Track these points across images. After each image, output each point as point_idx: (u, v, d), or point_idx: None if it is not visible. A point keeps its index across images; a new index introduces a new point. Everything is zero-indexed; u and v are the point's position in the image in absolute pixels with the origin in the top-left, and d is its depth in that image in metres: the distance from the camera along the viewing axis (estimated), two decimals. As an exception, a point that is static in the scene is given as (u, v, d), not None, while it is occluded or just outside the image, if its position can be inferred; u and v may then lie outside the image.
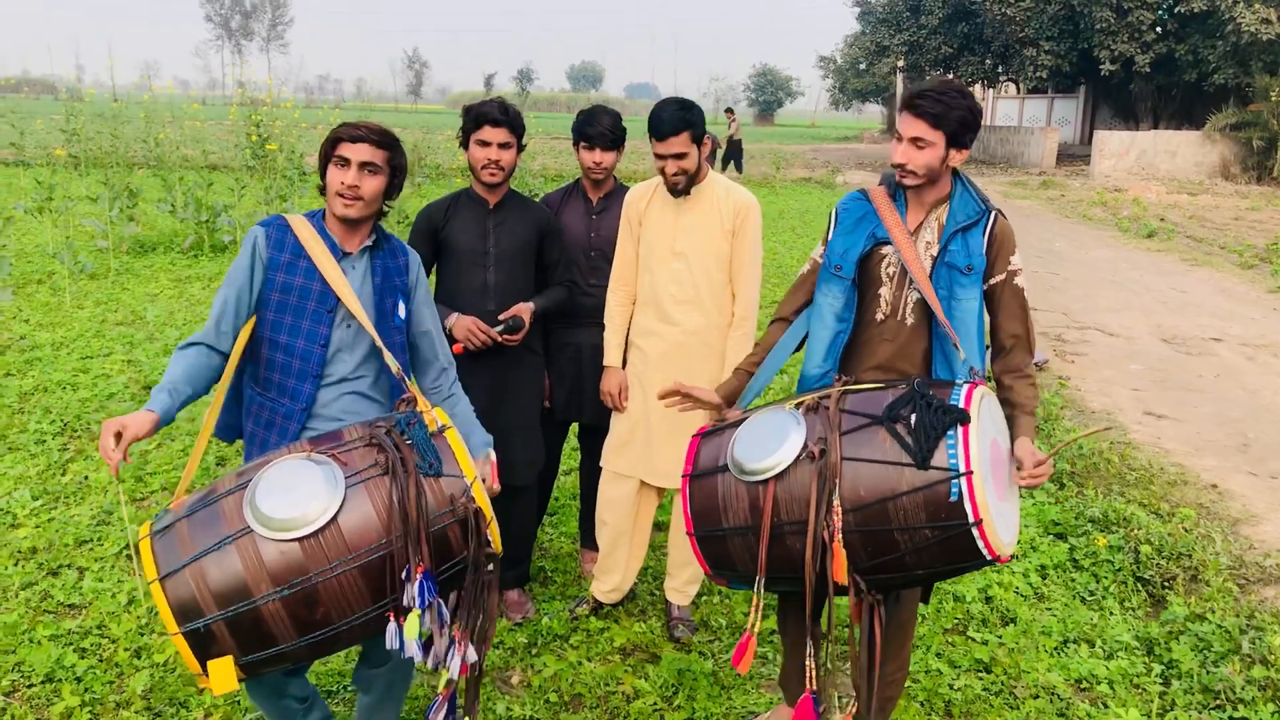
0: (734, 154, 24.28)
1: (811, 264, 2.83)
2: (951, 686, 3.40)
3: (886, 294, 2.70)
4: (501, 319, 3.44)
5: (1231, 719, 3.28)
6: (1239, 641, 3.64)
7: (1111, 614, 3.94)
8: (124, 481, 4.78)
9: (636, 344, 3.58)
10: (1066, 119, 38.31)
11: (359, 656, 2.72)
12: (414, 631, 2.16)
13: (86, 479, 4.86)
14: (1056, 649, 3.68)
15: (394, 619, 2.18)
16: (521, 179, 15.22)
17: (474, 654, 2.30)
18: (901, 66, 34.83)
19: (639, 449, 3.57)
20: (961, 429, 2.26)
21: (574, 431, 4.42)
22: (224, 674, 2.11)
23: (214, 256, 11.05)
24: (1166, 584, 4.15)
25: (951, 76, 32.30)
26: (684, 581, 3.72)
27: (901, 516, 2.28)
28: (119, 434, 2.18)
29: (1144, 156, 25.94)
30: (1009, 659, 3.56)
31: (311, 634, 2.15)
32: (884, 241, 2.68)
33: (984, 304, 2.67)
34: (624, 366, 3.64)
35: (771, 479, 2.37)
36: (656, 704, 3.25)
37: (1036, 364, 6.28)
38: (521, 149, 3.52)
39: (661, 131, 3.30)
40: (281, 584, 2.10)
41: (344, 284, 2.53)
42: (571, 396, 3.85)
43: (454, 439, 2.32)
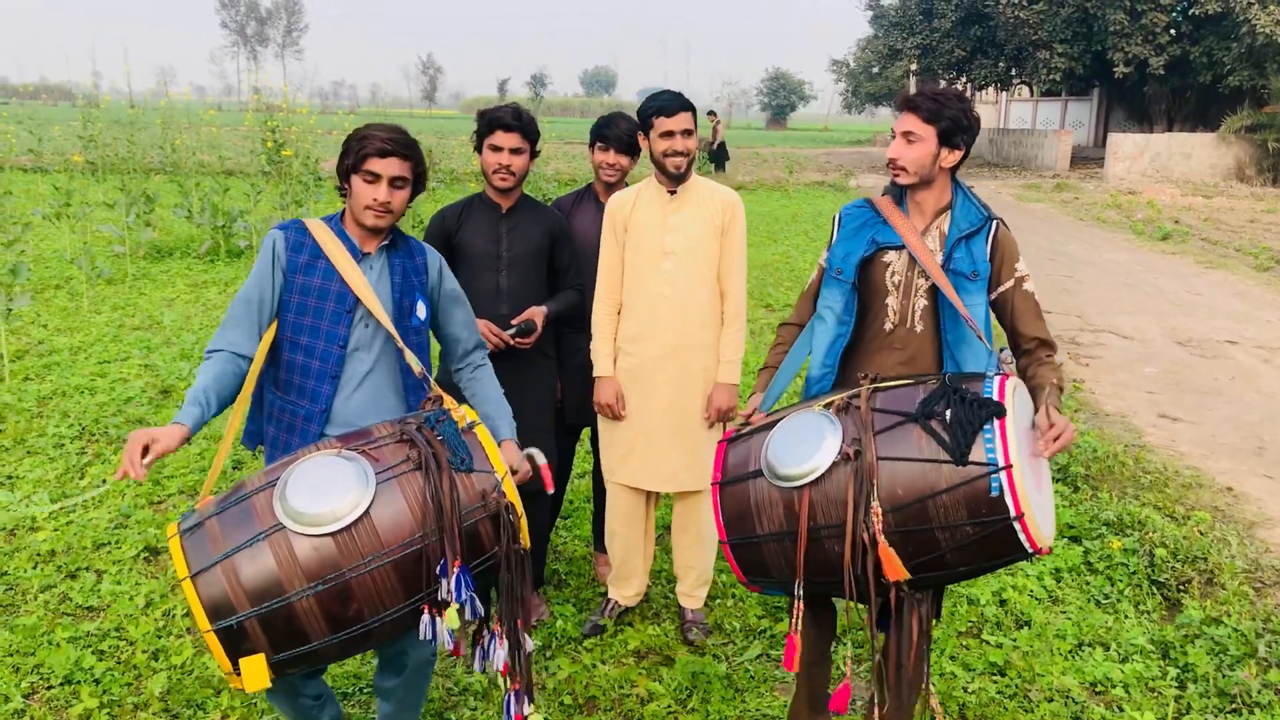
0: (719, 156, 24.58)
1: (819, 270, 2.87)
2: (966, 690, 3.40)
3: (894, 303, 2.72)
4: (514, 323, 3.47)
5: (1247, 723, 3.27)
6: (1255, 645, 3.62)
7: (1126, 617, 3.93)
8: (142, 485, 4.82)
9: (627, 350, 3.53)
10: (1080, 122, 38.15)
11: (378, 665, 2.74)
12: (454, 622, 2.19)
13: (105, 482, 4.91)
14: (1071, 652, 3.67)
15: (428, 611, 2.20)
16: (535, 183, 15.26)
17: (529, 643, 2.37)
18: (914, 70, 34.70)
19: (641, 458, 3.55)
20: (998, 422, 2.23)
21: (586, 435, 4.44)
22: (256, 672, 2.12)
23: (230, 261, 11.13)
24: (1182, 587, 4.13)
25: (964, 80, 32.35)
26: (692, 585, 3.73)
27: (942, 515, 2.24)
28: (147, 447, 2.17)
29: (1158, 159, 25.79)
30: (1023, 662, 3.55)
31: (343, 631, 2.16)
32: (885, 247, 2.71)
33: (994, 312, 2.70)
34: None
35: (808, 484, 2.34)
36: (670, 707, 3.26)
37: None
38: (535, 154, 3.54)
39: (672, 108, 3.36)
40: (315, 580, 2.11)
41: (363, 283, 2.56)
42: (584, 401, 3.86)
43: (484, 435, 2.34)
